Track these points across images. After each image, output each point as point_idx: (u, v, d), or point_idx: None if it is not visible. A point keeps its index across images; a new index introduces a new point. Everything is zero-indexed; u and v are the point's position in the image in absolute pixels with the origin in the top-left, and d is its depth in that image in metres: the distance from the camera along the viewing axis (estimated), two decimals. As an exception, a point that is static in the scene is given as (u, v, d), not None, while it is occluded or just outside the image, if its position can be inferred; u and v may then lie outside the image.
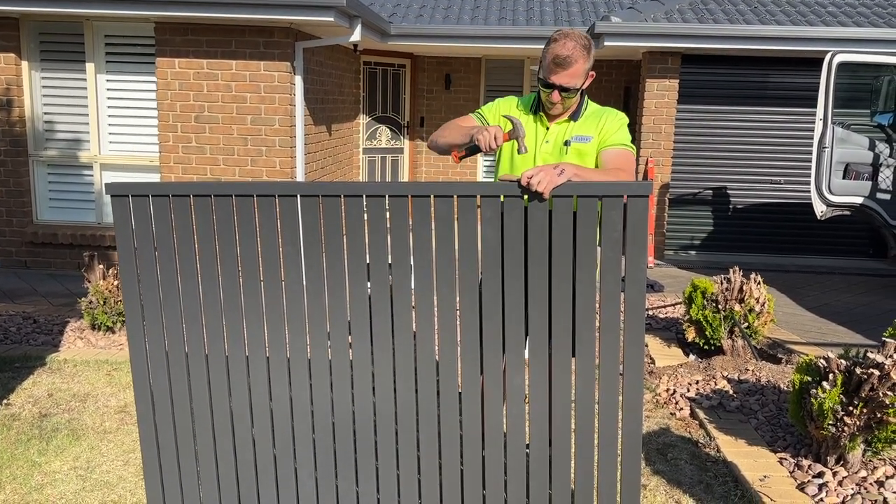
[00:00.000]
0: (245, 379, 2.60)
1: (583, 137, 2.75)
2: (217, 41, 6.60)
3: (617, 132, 2.74)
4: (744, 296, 4.74)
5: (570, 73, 2.63)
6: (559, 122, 2.79)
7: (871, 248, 8.53)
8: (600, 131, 2.74)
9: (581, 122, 2.78)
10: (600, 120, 2.77)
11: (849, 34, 7.48)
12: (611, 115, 2.77)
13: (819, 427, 3.12)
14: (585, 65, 2.66)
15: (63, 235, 6.95)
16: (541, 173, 2.29)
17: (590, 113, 2.81)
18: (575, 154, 2.75)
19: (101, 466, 3.27)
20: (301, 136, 6.93)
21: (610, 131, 2.73)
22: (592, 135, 2.75)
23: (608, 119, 2.76)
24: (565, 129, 2.78)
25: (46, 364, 4.53)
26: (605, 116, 2.77)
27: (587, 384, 2.48)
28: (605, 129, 2.74)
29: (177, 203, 2.51)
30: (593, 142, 2.75)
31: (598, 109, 2.83)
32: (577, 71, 2.63)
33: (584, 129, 2.76)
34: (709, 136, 8.43)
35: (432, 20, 8.74)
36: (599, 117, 2.78)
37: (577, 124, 2.78)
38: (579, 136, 2.75)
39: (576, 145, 2.75)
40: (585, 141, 2.75)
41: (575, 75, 2.64)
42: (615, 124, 2.75)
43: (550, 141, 2.79)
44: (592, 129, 2.76)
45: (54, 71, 6.96)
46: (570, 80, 2.64)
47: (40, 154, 7.08)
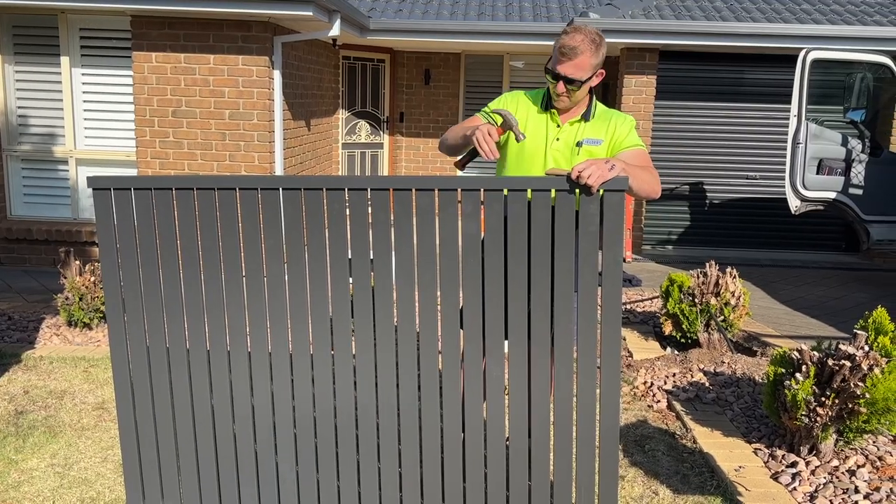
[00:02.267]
0: (226, 373, 2.60)
1: (593, 140, 2.78)
2: (195, 35, 6.54)
3: (631, 135, 2.77)
4: (720, 289, 4.81)
5: (575, 64, 2.65)
6: (572, 123, 2.81)
7: (844, 243, 8.67)
8: (611, 136, 2.77)
9: (592, 123, 2.80)
10: (609, 123, 2.80)
11: (822, 31, 7.58)
12: (620, 119, 2.81)
13: (792, 418, 3.18)
14: (592, 59, 2.66)
15: (38, 231, 6.86)
16: (592, 167, 2.30)
17: (599, 114, 2.83)
18: (586, 155, 2.78)
19: (78, 463, 3.25)
20: (280, 130, 6.90)
21: (622, 135, 2.76)
22: (602, 138, 2.77)
23: (618, 123, 2.79)
24: (577, 129, 2.80)
25: (22, 361, 4.48)
26: (614, 120, 2.80)
27: (566, 377, 2.52)
28: (617, 134, 2.77)
29: (159, 197, 2.51)
30: (603, 145, 2.77)
31: (605, 111, 2.85)
32: (582, 63, 2.65)
33: (594, 132, 2.79)
34: (686, 132, 8.52)
35: (412, 15, 8.73)
36: (608, 120, 2.80)
37: (588, 125, 2.80)
38: (590, 138, 2.78)
39: (587, 147, 2.78)
40: (596, 144, 2.78)
41: (580, 67, 2.65)
42: (626, 128, 2.78)
43: (562, 139, 2.81)
44: (602, 132, 2.79)
45: (28, 65, 6.87)
46: (574, 71, 2.65)
47: (14, 149, 6.98)
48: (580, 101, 2.79)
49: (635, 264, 7.99)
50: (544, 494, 2.55)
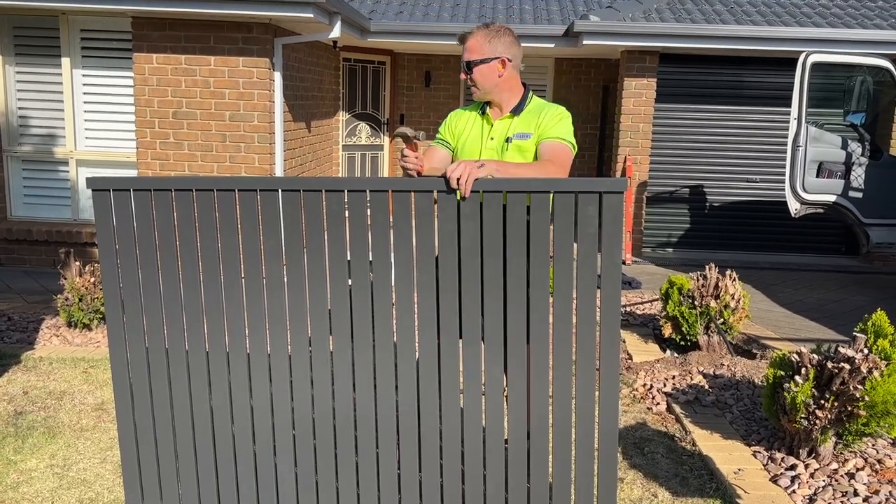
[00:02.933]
0: (225, 375, 2.60)
1: (523, 134, 2.78)
2: (195, 36, 6.55)
3: (555, 125, 2.75)
4: (719, 292, 4.81)
5: (468, 48, 2.75)
6: (502, 119, 2.83)
7: (844, 246, 8.67)
8: (539, 125, 2.77)
9: (522, 117, 2.82)
10: (539, 115, 2.80)
11: (823, 35, 7.59)
12: (550, 109, 2.80)
13: (792, 420, 3.18)
14: (484, 42, 2.74)
15: (38, 232, 6.87)
16: (459, 168, 2.32)
17: (531, 108, 2.83)
18: (515, 150, 2.79)
19: (78, 464, 3.25)
20: (280, 132, 6.91)
21: (548, 125, 2.76)
22: (531, 131, 2.78)
23: (547, 113, 2.79)
24: (508, 125, 2.82)
25: (22, 362, 4.48)
26: (545, 111, 2.80)
27: (564, 379, 2.52)
28: (544, 123, 2.77)
29: (158, 198, 2.51)
30: (532, 138, 2.77)
31: (539, 105, 2.85)
32: (472, 45, 2.74)
33: (524, 126, 2.80)
34: (686, 135, 8.53)
35: (412, 17, 8.74)
36: (539, 112, 2.81)
37: (518, 120, 2.81)
38: (520, 132, 2.79)
39: (516, 142, 2.79)
40: (525, 138, 2.78)
41: (471, 50, 2.75)
42: (554, 118, 2.77)
43: (495, 138, 2.82)
44: (532, 124, 2.79)
45: (29, 66, 6.88)
46: (467, 55, 2.75)
47: (15, 150, 6.99)
48: (500, 94, 2.80)
49: (635, 266, 7.99)
50: (543, 496, 2.54)
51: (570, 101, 10.09)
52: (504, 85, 2.79)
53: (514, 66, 2.80)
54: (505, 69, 2.76)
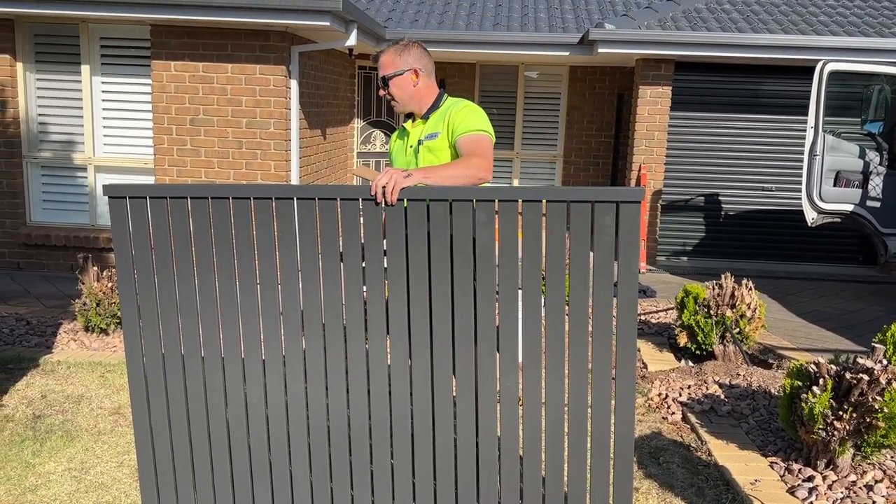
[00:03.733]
0: (241, 381, 2.62)
1: (431, 135, 2.85)
2: (213, 44, 6.61)
3: (465, 119, 2.80)
4: (735, 301, 4.78)
5: (381, 65, 2.88)
6: (416, 125, 2.91)
7: (861, 255, 8.60)
8: (448, 124, 2.82)
9: (432, 119, 2.89)
10: (447, 113, 2.85)
11: (840, 43, 7.55)
12: (456, 105, 2.86)
13: (809, 431, 3.15)
14: (394, 57, 2.86)
15: (56, 237, 6.94)
16: (384, 177, 2.37)
17: (442, 109, 2.90)
18: (425, 151, 2.84)
19: (95, 468, 3.28)
20: (296, 139, 6.95)
21: (458, 120, 2.80)
22: (440, 130, 2.83)
23: (453, 109, 2.84)
24: (420, 129, 2.90)
25: (40, 366, 4.52)
26: (451, 108, 2.86)
27: (580, 388, 2.51)
28: (452, 120, 2.81)
29: (174, 205, 2.53)
30: (441, 135, 2.82)
31: (448, 104, 2.91)
32: (386, 61, 2.87)
33: (433, 127, 2.87)
34: (701, 143, 8.50)
35: (427, 25, 8.78)
36: (447, 111, 2.86)
37: (429, 122, 2.89)
38: (429, 133, 2.85)
39: (426, 143, 2.84)
40: (433, 137, 2.84)
41: (385, 65, 2.87)
42: (461, 112, 2.82)
43: (413, 145, 2.90)
44: (441, 124, 2.85)
45: (49, 73, 6.96)
46: (382, 70, 2.87)
47: (34, 156, 7.07)
48: (417, 103, 2.89)
49: (650, 275, 7.96)
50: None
51: (584, 108, 10.09)
52: (419, 94, 2.89)
53: (427, 74, 2.90)
54: (418, 79, 2.87)
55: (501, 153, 10.33)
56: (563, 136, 10.23)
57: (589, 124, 10.15)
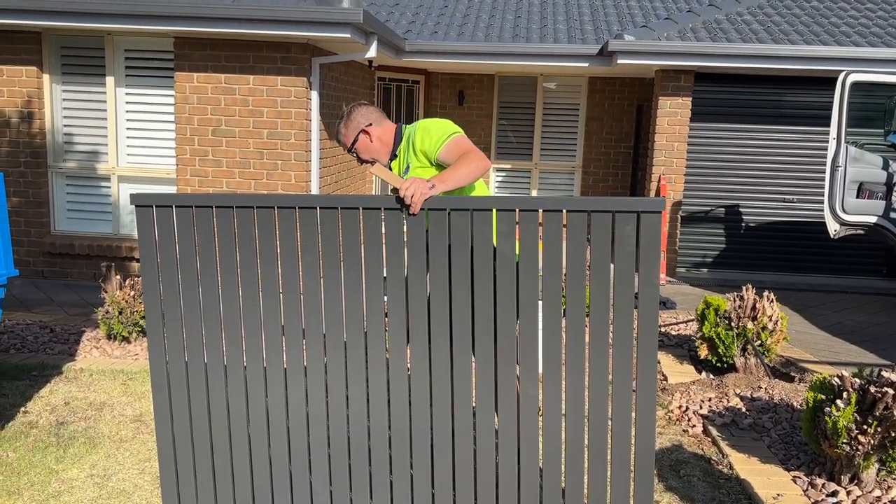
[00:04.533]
0: (262, 389, 2.63)
1: (406, 169, 2.99)
2: (235, 56, 6.69)
3: (429, 138, 2.90)
4: (757, 313, 4.74)
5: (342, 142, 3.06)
6: (394, 163, 3.08)
7: (885, 268, 8.49)
8: (415, 152, 2.94)
9: (400, 154, 3.05)
10: (409, 144, 2.98)
11: (862, 54, 7.50)
12: (413, 133, 2.97)
13: (833, 445, 3.12)
14: (346, 130, 3.03)
15: (80, 246, 7.03)
16: (412, 187, 2.44)
17: (403, 144, 3.04)
18: None
19: (117, 474, 3.31)
20: (316, 150, 7.00)
21: (425, 145, 2.90)
22: (411, 160, 2.96)
23: (413, 138, 2.95)
24: (397, 166, 3.05)
25: (63, 373, 4.58)
26: (411, 137, 2.98)
27: (600, 399, 2.50)
28: (419, 148, 2.92)
29: (199, 214, 2.56)
30: (413, 166, 2.95)
31: (407, 135, 3.03)
32: (343, 137, 3.05)
33: (404, 161, 3.02)
34: (721, 154, 8.45)
35: (447, 37, 8.82)
36: (408, 142, 3.00)
37: (400, 158, 3.04)
38: (405, 169, 3.00)
39: (406, 176, 2.96)
40: (408, 171, 2.97)
41: (345, 139, 3.04)
42: (420, 135, 2.92)
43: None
44: (408, 155, 2.99)
45: (75, 84, 7.08)
46: (346, 144, 3.06)
47: (59, 166, 7.18)
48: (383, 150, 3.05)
49: (670, 287, 7.91)
50: (578, 517, 2.52)
51: (603, 119, 10.08)
52: (380, 143, 3.04)
53: (376, 123, 3.04)
54: (370, 134, 3.02)
55: (520, 164, 10.34)
56: (582, 146, 10.22)
57: (608, 135, 10.13)
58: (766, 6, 8.99)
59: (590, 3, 10.49)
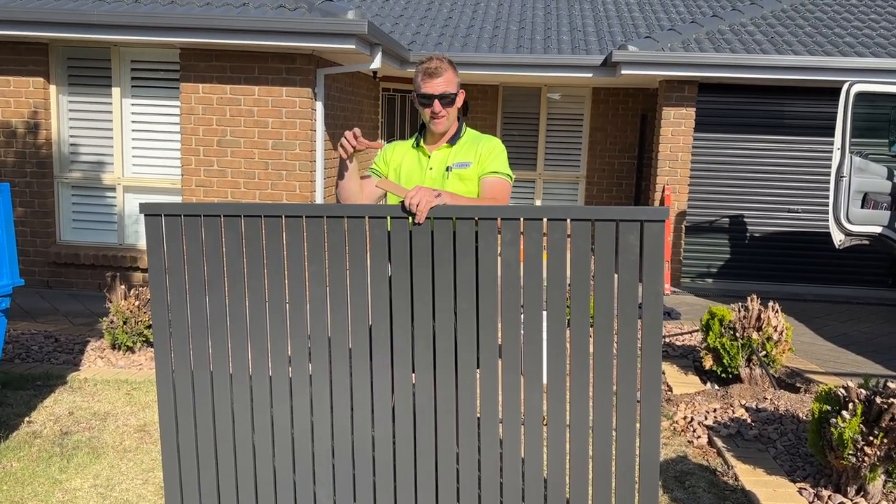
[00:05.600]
0: (268, 399, 2.63)
1: (462, 164, 2.83)
2: (240, 67, 6.73)
3: (494, 160, 2.82)
4: (762, 324, 4.73)
5: (443, 81, 2.76)
6: (440, 149, 2.87)
7: (890, 278, 8.46)
8: (479, 158, 2.83)
9: (459, 146, 2.87)
10: (478, 146, 2.85)
11: (866, 64, 7.51)
12: (488, 143, 2.86)
13: (839, 457, 3.10)
14: (455, 76, 2.80)
15: (85, 256, 7.05)
16: (419, 194, 2.39)
17: (467, 139, 2.90)
18: (456, 179, 2.82)
19: (121, 485, 3.30)
20: (321, 160, 7.03)
21: (490, 160, 2.81)
22: (471, 160, 2.83)
23: (485, 146, 2.85)
24: (446, 154, 2.86)
25: (67, 382, 4.58)
26: (483, 143, 2.86)
27: (605, 410, 2.49)
28: (484, 157, 2.82)
29: (207, 223, 2.57)
30: (473, 167, 2.83)
31: (475, 136, 2.91)
32: (449, 78, 2.77)
33: (463, 155, 2.85)
34: (725, 164, 8.45)
35: (451, 48, 8.86)
36: (477, 143, 2.87)
37: (455, 149, 2.86)
38: (459, 162, 2.83)
39: (456, 171, 2.83)
40: (465, 167, 2.83)
41: (449, 81, 2.77)
42: (494, 152, 2.83)
43: (434, 168, 2.86)
44: (471, 154, 2.84)
45: (81, 95, 7.12)
46: (445, 86, 2.76)
47: (65, 176, 7.21)
48: (452, 124, 2.86)
49: (674, 297, 7.90)
50: (583, 528, 2.51)
51: (607, 130, 10.10)
52: (455, 116, 2.87)
53: None
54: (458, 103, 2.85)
55: (524, 174, 10.35)
56: (586, 156, 10.23)
57: (612, 145, 10.15)
58: (770, 17, 9.01)
59: (593, 14, 10.53)
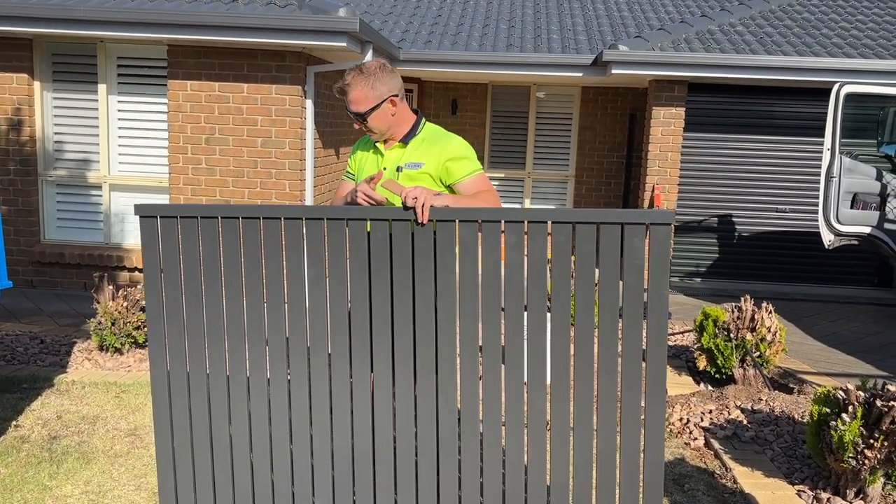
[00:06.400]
0: (266, 402, 2.58)
1: (413, 164, 2.77)
2: (229, 64, 6.64)
3: (461, 165, 2.75)
4: (755, 325, 4.73)
5: (353, 100, 2.72)
6: (393, 148, 2.82)
7: (877, 278, 8.53)
8: (436, 162, 2.75)
9: (413, 145, 2.80)
10: (434, 148, 2.77)
11: (854, 65, 7.54)
12: (448, 147, 2.77)
13: (839, 459, 3.09)
14: (366, 90, 2.71)
15: (70, 255, 6.94)
16: (421, 193, 2.38)
17: (424, 136, 2.81)
18: (406, 180, 2.76)
19: (112, 491, 3.24)
20: (311, 159, 6.96)
21: (454, 168, 2.74)
22: (423, 161, 2.76)
23: (443, 150, 2.76)
24: (399, 154, 2.81)
25: (54, 385, 4.49)
26: (440, 146, 2.77)
27: (609, 412, 2.47)
28: (446, 164, 2.74)
29: (204, 225, 2.52)
30: (425, 168, 2.75)
31: (434, 134, 2.82)
32: (357, 97, 2.70)
33: (415, 156, 2.78)
34: (715, 164, 8.47)
35: (441, 46, 8.81)
36: (434, 144, 2.78)
37: (408, 149, 2.80)
38: (410, 162, 2.78)
39: (407, 171, 2.77)
40: (416, 167, 2.76)
41: (357, 101, 2.71)
42: (457, 160, 2.75)
43: (388, 168, 2.81)
44: (424, 155, 2.77)
45: (66, 91, 7.00)
46: (355, 105, 2.72)
47: (49, 174, 7.09)
48: (395, 129, 2.79)
49: (664, 297, 7.89)
50: (587, 534, 2.49)
51: (596, 129, 10.10)
52: (397, 121, 2.79)
53: (401, 98, 2.79)
54: (395, 106, 2.76)
55: (513, 172, 10.33)
56: (575, 156, 10.23)
57: (601, 144, 10.15)
58: (759, 17, 9.04)
59: (583, 13, 10.52)
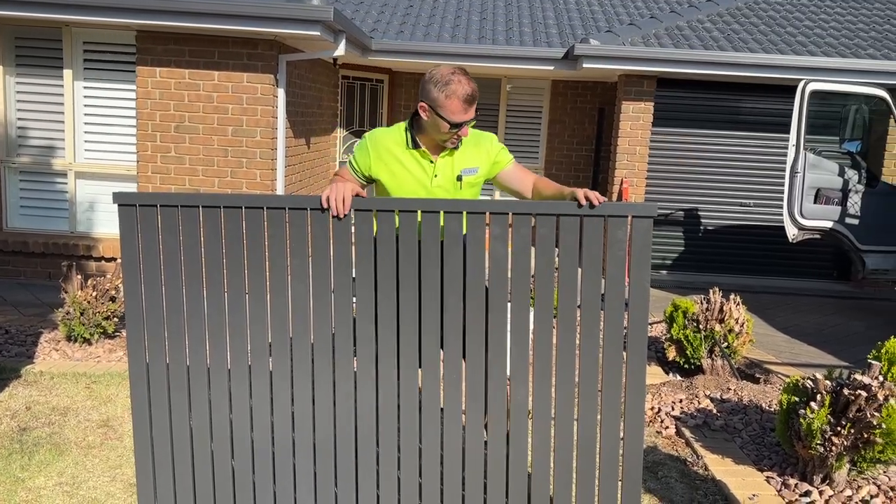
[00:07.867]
0: (246, 391, 2.57)
1: (470, 170, 2.85)
2: (200, 51, 6.54)
3: (503, 154, 2.92)
4: (724, 316, 4.83)
5: (475, 107, 2.72)
6: (443, 156, 2.82)
7: (835, 271, 8.76)
8: (485, 159, 2.87)
9: (461, 152, 2.85)
10: (480, 148, 2.87)
11: (818, 63, 7.71)
12: (489, 145, 2.90)
13: (807, 447, 3.19)
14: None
15: (34, 244, 6.79)
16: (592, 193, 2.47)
17: (466, 141, 2.87)
18: (468, 187, 2.87)
19: (87, 482, 3.19)
20: (282, 148, 6.90)
21: (501, 155, 2.90)
22: (477, 165, 2.86)
23: (486, 145, 2.89)
24: (451, 162, 2.83)
25: (22, 376, 4.41)
26: (483, 143, 2.89)
27: (590, 402, 2.51)
28: (492, 155, 2.89)
29: (184, 214, 2.49)
30: (480, 171, 2.87)
31: (474, 137, 2.90)
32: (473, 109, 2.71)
33: (468, 161, 2.85)
34: (682, 159, 8.61)
35: (413, 37, 8.79)
36: (476, 147, 2.88)
37: (458, 155, 2.84)
38: (467, 169, 2.85)
39: (467, 179, 2.86)
40: (473, 173, 2.86)
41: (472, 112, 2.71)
42: (495, 146, 2.91)
43: (441, 175, 2.83)
44: (475, 159, 2.86)
45: (30, 76, 6.83)
46: (471, 113, 2.71)
47: (12, 160, 6.92)
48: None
49: (632, 289, 8.01)
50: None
51: (565, 122, 10.17)
52: None
53: None
54: None
55: (483, 165, 10.34)
56: (545, 149, 10.29)
57: (570, 138, 10.23)
58: (725, 14, 9.19)
59: (554, 7, 10.58)
